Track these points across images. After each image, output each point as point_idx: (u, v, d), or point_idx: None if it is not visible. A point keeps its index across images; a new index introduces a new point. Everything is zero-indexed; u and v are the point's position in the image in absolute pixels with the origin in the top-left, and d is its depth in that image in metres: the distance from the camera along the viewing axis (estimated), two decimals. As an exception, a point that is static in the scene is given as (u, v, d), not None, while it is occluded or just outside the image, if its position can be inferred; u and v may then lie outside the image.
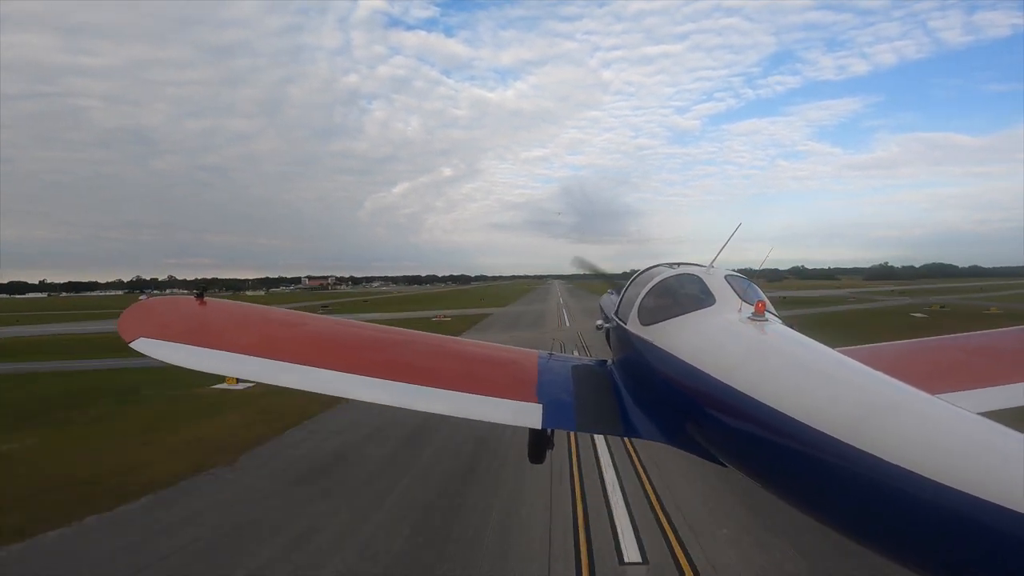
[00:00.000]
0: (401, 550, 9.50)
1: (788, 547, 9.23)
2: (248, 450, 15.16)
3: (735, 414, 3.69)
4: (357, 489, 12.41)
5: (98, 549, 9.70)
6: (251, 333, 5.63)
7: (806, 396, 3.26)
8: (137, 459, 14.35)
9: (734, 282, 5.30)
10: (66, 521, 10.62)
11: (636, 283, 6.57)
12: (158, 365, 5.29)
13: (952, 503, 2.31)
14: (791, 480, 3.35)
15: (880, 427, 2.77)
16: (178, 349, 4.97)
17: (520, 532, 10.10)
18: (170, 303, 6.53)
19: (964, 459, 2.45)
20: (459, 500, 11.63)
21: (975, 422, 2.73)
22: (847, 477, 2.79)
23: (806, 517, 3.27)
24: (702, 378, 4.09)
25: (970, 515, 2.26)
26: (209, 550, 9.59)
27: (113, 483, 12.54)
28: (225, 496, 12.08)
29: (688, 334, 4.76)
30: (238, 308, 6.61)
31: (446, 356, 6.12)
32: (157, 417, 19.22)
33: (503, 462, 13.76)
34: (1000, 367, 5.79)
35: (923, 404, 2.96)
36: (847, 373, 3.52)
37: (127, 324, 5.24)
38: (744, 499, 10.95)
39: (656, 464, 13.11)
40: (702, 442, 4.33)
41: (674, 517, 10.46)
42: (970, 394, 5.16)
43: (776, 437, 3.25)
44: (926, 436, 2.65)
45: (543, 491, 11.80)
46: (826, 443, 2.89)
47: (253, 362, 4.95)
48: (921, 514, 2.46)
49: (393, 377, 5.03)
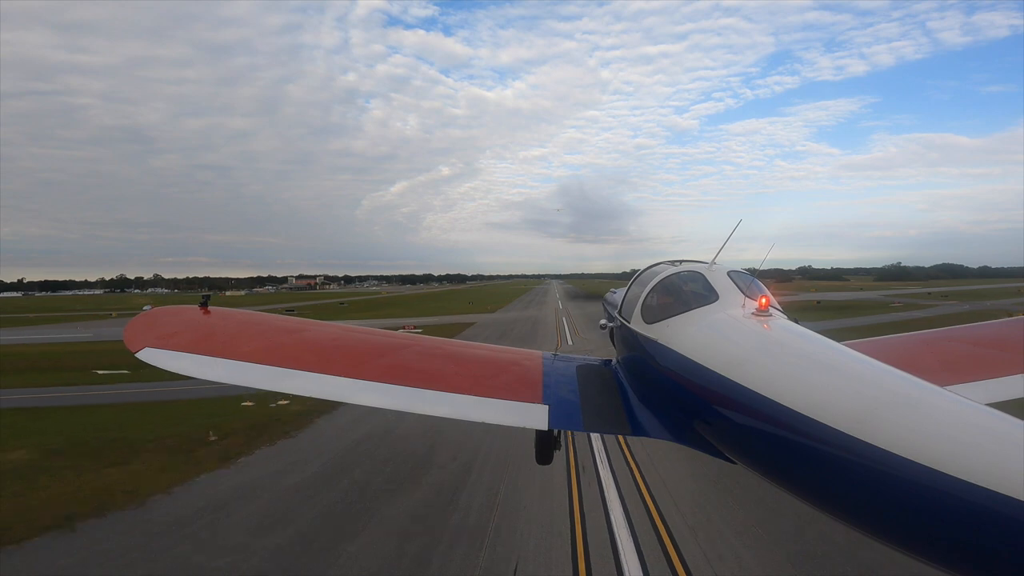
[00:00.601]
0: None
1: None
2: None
3: (741, 410, 3.70)
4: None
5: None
6: (255, 341, 5.60)
7: (812, 390, 3.28)
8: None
9: (737, 278, 5.30)
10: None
11: (639, 282, 6.55)
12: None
13: (961, 494, 2.34)
14: (799, 475, 3.35)
15: (887, 420, 2.80)
16: (183, 358, 5.00)
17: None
18: (174, 313, 6.48)
19: (973, 450, 2.47)
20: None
21: (984, 413, 2.75)
22: (855, 471, 2.80)
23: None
24: (707, 375, 4.09)
25: (980, 506, 2.28)
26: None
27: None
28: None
29: (692, 331, 4.76)
30: (242, 316, 6.68)
31: (451, 359, 6.06)
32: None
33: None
34: (1006, 357, 5.78)
35: (931, 396, 2.99)
36: (853, 367, 3.55)
37: (133, 335, 5.30)
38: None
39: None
40: (709, 439, 4.32)
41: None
42: (978, 385, 5.18)
43: (783, 432, 3.27)
44: (934, 428, 2.67)
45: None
46: (833, 437, 2.91)
47: (257, 370, 4.96)
48: (930, 506, 2.47)
49: (398, 381, 5.05)
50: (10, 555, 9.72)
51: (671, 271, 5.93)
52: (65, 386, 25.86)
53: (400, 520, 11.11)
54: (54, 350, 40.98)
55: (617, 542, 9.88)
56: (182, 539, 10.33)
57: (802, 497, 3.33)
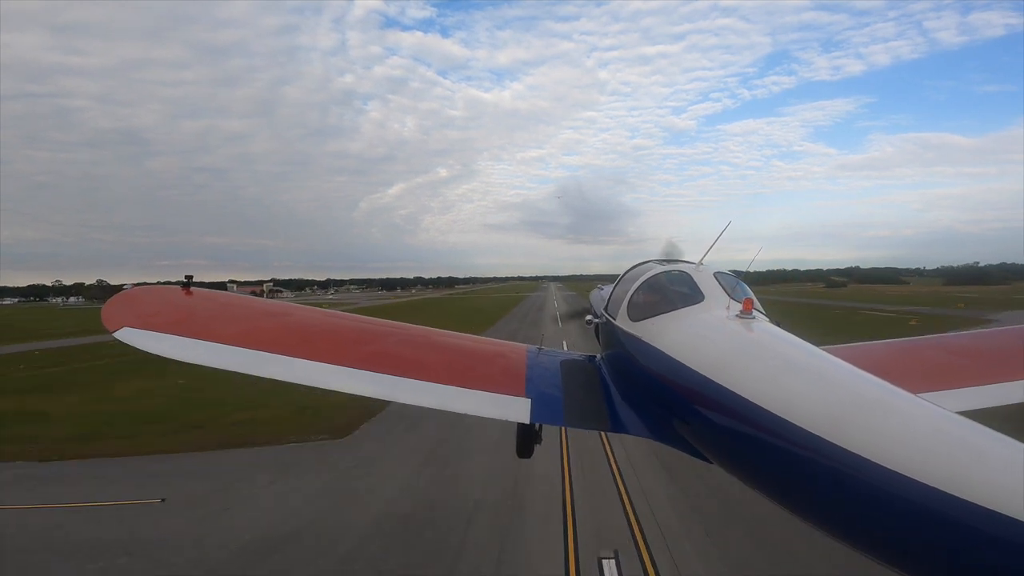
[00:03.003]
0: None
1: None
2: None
3: (720, 410, 3.70)
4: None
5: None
6: (237, 324, 5.51)
7: (790, 393, 3.27)
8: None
9: (723, 279, 5.28)
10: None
11: (626, 279, 6.50)
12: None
13: (930, 502, 2.35)
14: (773, 477, 3.35)
15: (862, 425, 2.80)
16: (162, 340, 4.87)
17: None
18: (155, 293, 6.26)
19: (943, 458, 2.48)
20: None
21: (955, 422, 2.77)
22: (828, 474, 2.81)
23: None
24: (688, 374, 4.09)
25: (948, 513, 2.29)
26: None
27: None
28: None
29: (676, 330, 4.75)
30: (224, 298, 6.65)
31: (435, 348, 6.01)
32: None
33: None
34: (981, 367, 5.83)
35: (905, 403, 3.01)
36: (832, 371, 3.55)
37: (111, 314, 5.13)
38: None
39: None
40: (688, 438, 4.33)
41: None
42: (951, 393, 5.21)
43: (759, 434, 3.26)
44: (907, 435, 2.68)
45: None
46: (808, 440, 2.91)
47: (239, 353, 4.87)
48: (900, 512, 2.48)
49: (380, 369, 4.99)
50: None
51: (658, 270, 5.92)
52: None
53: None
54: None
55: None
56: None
57: (774, 498, 3.34)
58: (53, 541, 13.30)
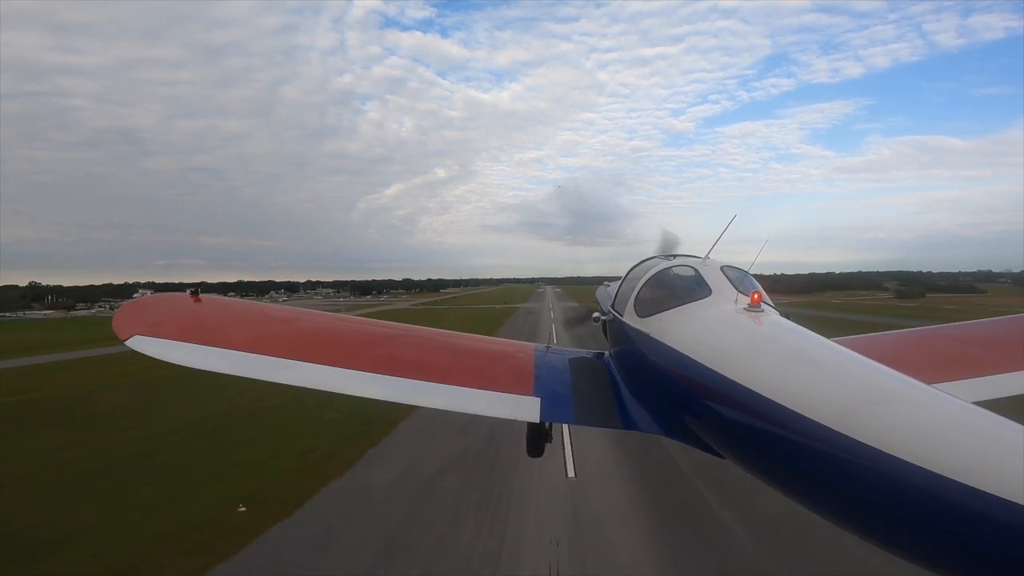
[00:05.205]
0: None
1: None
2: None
3: (731, 405, 3.68)
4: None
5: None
6: (248, 330, 5.58)
7: (801, 386, 3.26)
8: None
9: (730, 273, 5.27)
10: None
11: (632, 275, 6.55)
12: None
13: (946, 492, 2.33)
14: (786, 470, 3.34)
15: (875, 416, 2.78)
16: (175, 347, 4.90)
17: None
18: (164, 300, 6.45)
19: (958, 448, 2.46)
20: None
21: (969, 411, 2.75)
22: (842, 467, 2.79)
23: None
24: (698, 369, 4.07)
25: (964, 504, 2.28)
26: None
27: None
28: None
29: (684, 325, 4.73)
30: (234, 305, 6.83)
31: (443, 350, 6.07)
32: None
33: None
34: (994, 356, 5.76)
35: (918, 393, 2.99)
36: (843, 363, 3.54)
37: (122, 322, 5.18)
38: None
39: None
40: (699, 433, 4.32)
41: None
42: (965, 383, 5.15)
43: (771, 427, 3.24)
44: (920, 425, 2.66)
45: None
46: (821, 433, 2.89)
47: (251, 359, 4.88)
48: (915, 503, 2.46)
49: (391, 372, 5.02)
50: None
51: (665, 265, 5.91)
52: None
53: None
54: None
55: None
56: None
57: (788, 492, 3.32)
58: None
